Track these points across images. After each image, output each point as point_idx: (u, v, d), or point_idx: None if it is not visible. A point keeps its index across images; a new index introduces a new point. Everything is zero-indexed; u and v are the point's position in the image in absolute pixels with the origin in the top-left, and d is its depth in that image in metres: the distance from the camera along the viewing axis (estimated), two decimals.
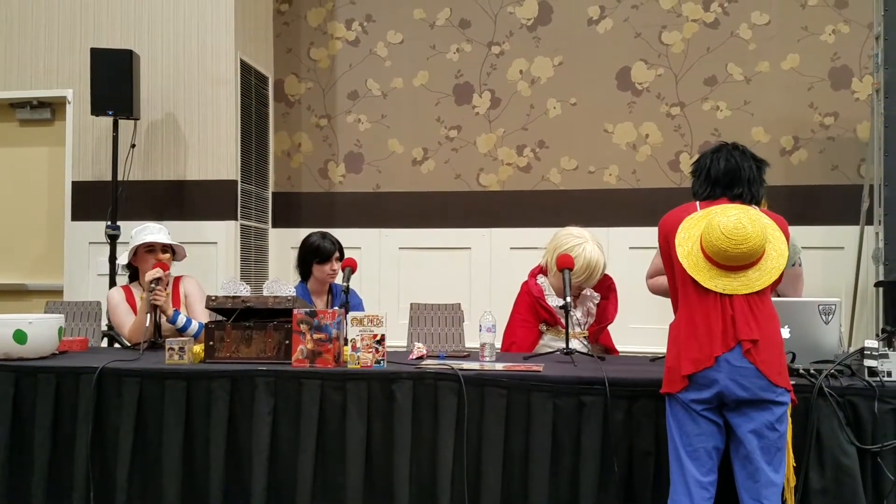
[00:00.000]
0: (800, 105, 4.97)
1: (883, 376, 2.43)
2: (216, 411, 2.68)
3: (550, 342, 3.30)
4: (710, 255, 2.27)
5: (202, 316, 3.48)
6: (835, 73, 4.99)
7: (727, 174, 2.40)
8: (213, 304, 3.01)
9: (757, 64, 5.05)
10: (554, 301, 3.33)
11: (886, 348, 2.49)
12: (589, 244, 3.28)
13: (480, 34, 5.36)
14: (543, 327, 3.32)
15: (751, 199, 2.40)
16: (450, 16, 5.39)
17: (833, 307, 2.60)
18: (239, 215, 4.99)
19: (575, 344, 3.16)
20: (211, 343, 2.88)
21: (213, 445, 2.67)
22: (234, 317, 2.97)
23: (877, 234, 4.47)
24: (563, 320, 3.18)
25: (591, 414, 2.49)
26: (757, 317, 2.25)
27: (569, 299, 3.01)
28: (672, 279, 2.41)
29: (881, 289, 4.42)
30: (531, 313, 3.32)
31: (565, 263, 3.18)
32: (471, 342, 3.39)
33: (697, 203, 2.43)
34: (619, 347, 3.49)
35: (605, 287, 3.43)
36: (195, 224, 4.87)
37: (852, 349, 2.66)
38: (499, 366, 2.74)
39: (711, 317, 2.25)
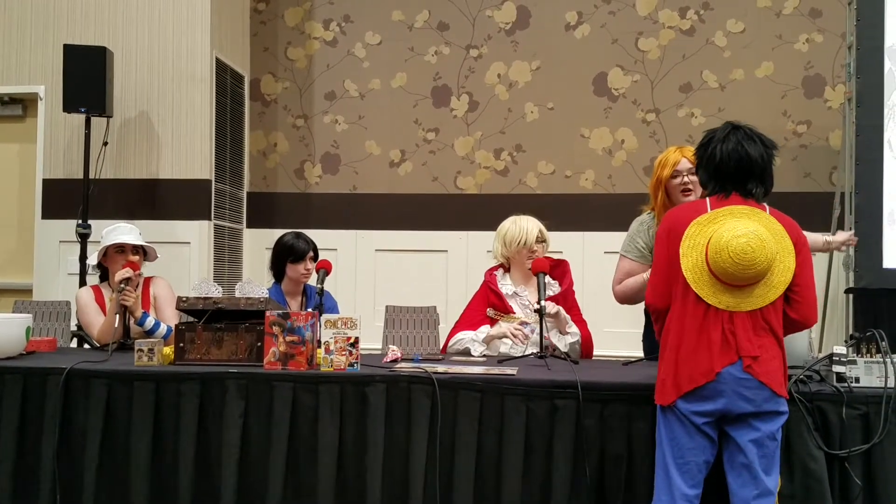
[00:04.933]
0: (773, 113, 5.03)
1: (851, 382, 2.45)
2: (186, 414, 2.65)
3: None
4: (716, 273, 2.21)
5: (172, 319, 3.43)
6: (808, 82, 5.05)
7: (738, 166, 2.27)
8: (184, 306, 2.97)
9: (731, 71, 5.11)
10: (507, 288, 3.33)
11: (854, 354, 2.50)
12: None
13: (459, 37, 5.36)
14: (491, 312, 3.29)
15: (764, 194, 2.31)
16: (428, 18, 5.38)
17: None
18: (213, 215, 4.94)
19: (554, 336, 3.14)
20: (181, 345, 2.84)
21: (183, 448, 2.63)
22: (205, 318, 2.94)
23: None
24: (513, 308, 3.23)
25: (564, 417, 2.49)
26: (759, 332, 2.21)
27: (543, 303, 3.01)
28: (665, 277, 2.31)
29: (851, 295, 4.49)
30: (482, 301, 3.32)
31: (539, 267, 3.18)
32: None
33: (708, 201, 2.32)
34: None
35: (561, 272, 3.41)
36: (168, 224, 4.82)
37: (822, 355, 2.69)
38: (473, 369, 2.73)
39: (712, 331, 2.20)
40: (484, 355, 3.16)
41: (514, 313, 3.29)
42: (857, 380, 2.46)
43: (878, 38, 4.33)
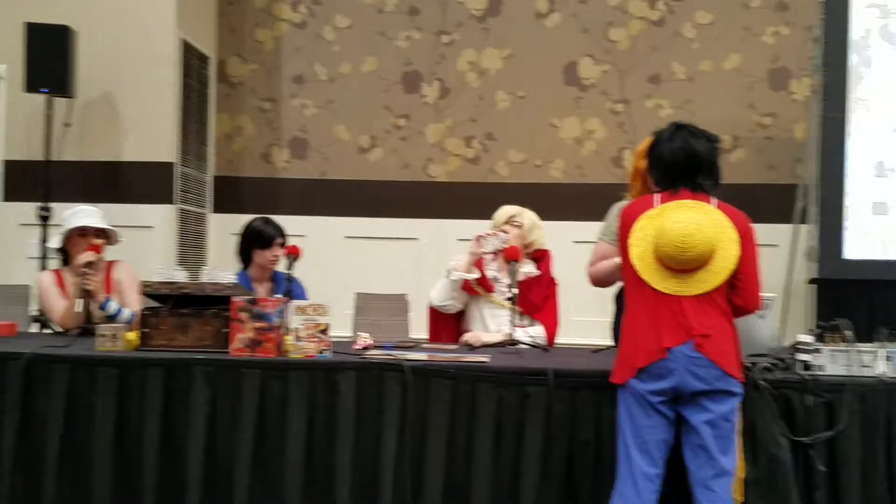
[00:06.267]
0: (739, 105, 5.08)
1: (815, 370, 2.50)
2: (150, 401, 2.60)
3: (488, 315, 3.32)
4: (661, 259, 2.32)
5: (135, 304, 3.37)
6: (774, 74, 5.12)
7: (686, 162, 2.38)
8: (148, 290, 2.91)
9: (700, 63, 5.15)
10: (490, 272, 3.36)
11: (819, 343, 2.55)
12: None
13: (430, 23, 5.32)
14: (474, 282, 3.30)
15: (712, 186, 2.40)
16: (399, 2, 5.33)
17: (769, 303, 2.67)
18: (177, 199, 4.86)
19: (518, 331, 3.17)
20: (146, 330, 2.78)
21: (147, 436, 2.59)
22: (170, 304, 2.89)
23: (810, 232, 4.63)
24: (495, 286, 3.31)
25: (535, 404, 2.51)
26: (709, 313, 2.29)
27: (515, 291, 3.04)
28: (627, 270, 2.43)
29: (814, 286, 4.58)
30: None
31: (511, 255, 3.20)
32: (417, 332, 3.39)
33: (657, 196, 2.42)
34: (561, 340, 3.51)
35: (544, 263, 3.45)
36: (131, 207, 4.71)
37: (785, 344, 2.75)
38: (445, 356, 2.73)
39: (662, 313, 2.30)
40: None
41: (495, 292, 3.33)
42: (822, 368, 2.51)
43: (844, 32, 4.40)
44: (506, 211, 3.46)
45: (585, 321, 4.28)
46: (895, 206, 4.39)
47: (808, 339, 2.57)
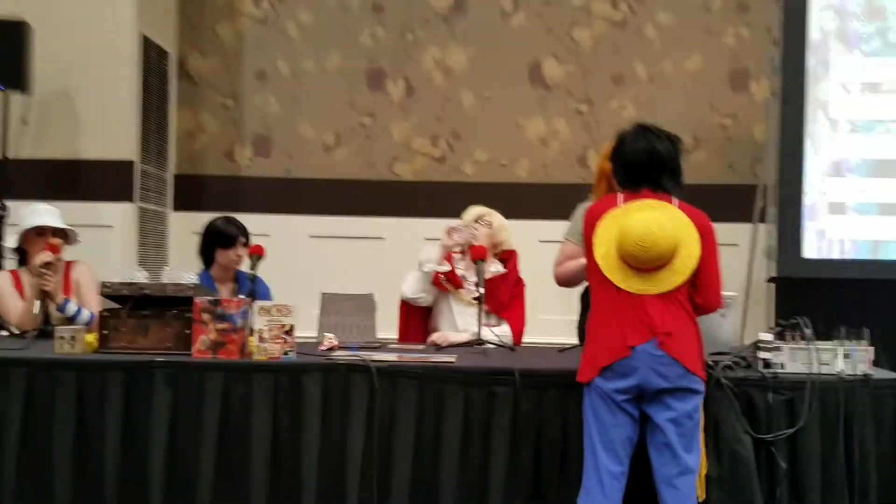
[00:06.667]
0: (701, 105, 5.14)
1: (776, 368, 2.54)
2: (111, 404, 2.55)
3: (457, 313, 3.32)
4: (624, 258, 2.35)
5: (94, 305, 3.31)
6: (735, 75, 5.19)
7: (649, 162, 2.41)
8: (108, 291, 2.86)
9: (661, 64, 5.20)
10: (459, 271, 3.37)
11: (780, 341, 2.60)
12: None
13: (394, 20, 5.29)
14: (442, 278, 3.31)
15: (674, 186, 2.44)
16: None
17: (730, 301, 2.71)
18: (137, 198, 4.78)
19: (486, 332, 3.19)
20: (105, 332, 2.73)
21: (108, 440, 2.54)
22: (130, 305, 2.83)
23: (769, 231, 4.72)
24: (465, 284, 3.31)
25: (502, 404, 2.52)
26: (671, 312, 2.33)
27: (481, 290, 3.05)
28: (591, 268, 2.46)
29: (773, 284, 4.67)
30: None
31: (477, 254, 3.21)
32: (383, 333, 3.38)
33: (620, 196, 2.45)
34: (527, 339, 3.54)
35: (511, 263, 3.46)
36: (90, 206, 4.60)
37: (746, 342, 2.79)
38: (412, 356, 2.72)
39: (626, 312, 2.33)
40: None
41: (463, 289, 3.34)
42: (783, 366, 2.55)
43: (803, 35, 4.48)
44: (475, 211, 3.49)
45: (551, 320, 4.31)
46: (852, 207, 4.50)
47: (769, 337, 2.62)
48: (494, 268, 3.35)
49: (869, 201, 4.48)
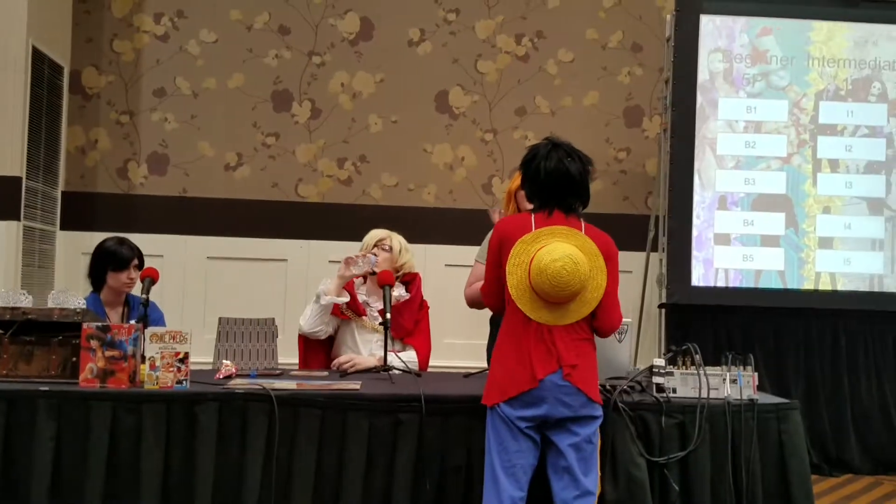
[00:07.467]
0: (597, 139, 5.34)
1: (669, 392, 2.64)
2: None
3: (360, 340, 3.30)
4: (537, 291, 2.37)
5: None
6: (629, 112, 5.44)
7: (560, 183, 2.43)
8: None
9: (561, 98, 5.39)
10: (361, 296, 3.35)
11: (671, 366, 2.70)
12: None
13: (300, 42, 5.27)
14: (344, 307, 3.28)
15: (582, 206, 2.48)
16: (268, 20, 5.25)
17: (626, 327, 2.79)
18: (22, 215, 4.52)
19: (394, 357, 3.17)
20: None
21: None
22: (12, 330, 2.66)
23: (661, 260, 4.94)
24: (367, 311, 3.31)
25: (407, 431, 2.50)
26: (576, 343, 2.38)
27: (388, 315, 3.03)
28: (497, 281, 2.46)
29: (664, 310, 4.88)
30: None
31: (384, 279, 3.19)
32: (284, 358, 3.30)
33: (532, 218, 2.45)
34: (433, 363, 3.54)
35: (415, 286, 3.46)
36: None
37: (640, 367, 2.89)
38: (314, 384, 2.67)
39: (535, 342, 2.36)
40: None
41: (366, 316, 3.32)
42: (675, 390, 2.65)
43: (692, 75, 4.75)
44: (375, 234, 3.46)
45: (458, 343, 4.35)
46: (736, 238, 4.77)
47: (662, 362, 2.72)
48: (398, 293, 3.33)
49: (752, 233, 4.76)
